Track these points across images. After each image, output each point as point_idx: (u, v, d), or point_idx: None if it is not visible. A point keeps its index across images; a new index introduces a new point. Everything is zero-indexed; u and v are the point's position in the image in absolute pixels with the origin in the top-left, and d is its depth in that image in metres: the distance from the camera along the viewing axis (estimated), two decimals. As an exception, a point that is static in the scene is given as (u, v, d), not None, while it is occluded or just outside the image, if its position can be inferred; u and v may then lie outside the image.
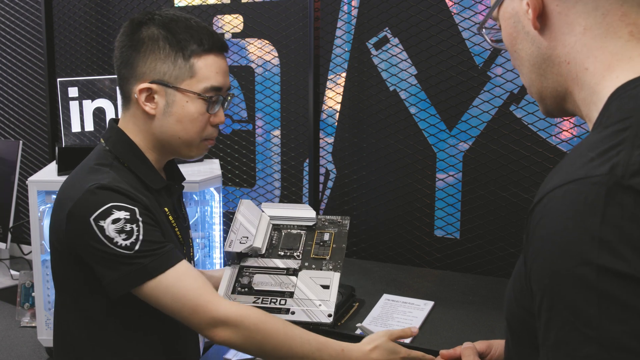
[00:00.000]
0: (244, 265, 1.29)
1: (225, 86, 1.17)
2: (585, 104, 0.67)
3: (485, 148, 1.92)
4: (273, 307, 1.21)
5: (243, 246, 1.28)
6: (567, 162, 0.60)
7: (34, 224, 1.66)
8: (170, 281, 1.06)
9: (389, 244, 2.10)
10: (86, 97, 1.86)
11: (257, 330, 1.07)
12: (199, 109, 1.14)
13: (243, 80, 2.30)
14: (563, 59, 0.67)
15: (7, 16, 2.65)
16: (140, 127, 1.17)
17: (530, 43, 0.70)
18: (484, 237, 1.95)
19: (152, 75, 1.13)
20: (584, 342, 0.53)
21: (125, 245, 1.04)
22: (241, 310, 1.08)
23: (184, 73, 1.13)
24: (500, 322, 1.55)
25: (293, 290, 1.24)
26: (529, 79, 0.73)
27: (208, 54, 1.14)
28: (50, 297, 1.71)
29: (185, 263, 1.10)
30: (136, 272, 1.05)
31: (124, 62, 1.15)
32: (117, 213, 1.05)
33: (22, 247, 2.39)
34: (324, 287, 1.24)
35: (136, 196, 1.08)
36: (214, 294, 1.09)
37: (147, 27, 1.14)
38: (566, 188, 0.56)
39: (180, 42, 1.12)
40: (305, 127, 2.16)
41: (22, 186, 2.33)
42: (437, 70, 1.95)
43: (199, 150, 1.20)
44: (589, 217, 0.53)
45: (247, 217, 1.35)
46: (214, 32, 1.17)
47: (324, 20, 2.09)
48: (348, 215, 1.42)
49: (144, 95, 1.13)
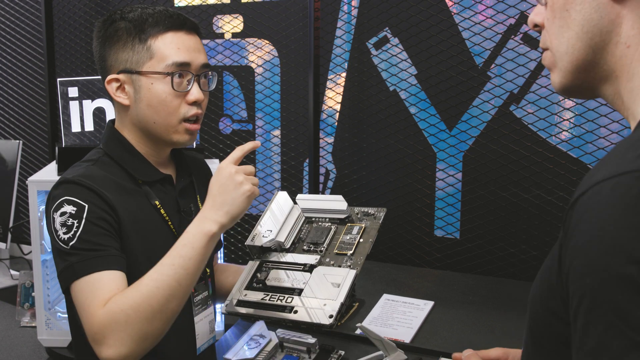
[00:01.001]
0: (265, 260, 1.26)
1: (194, 62, 1.16)
2: (631, 95, 0.63)
3: (485, 148, 1.92)
4: (278, 305, 1.18)
5: (265, 240, 1.26)
6: (615, 154, 0.56)
7: (34, 224, 1.66)
8: (82, 286, 1.02)
9: (389, 244, 2.10)
10: (86, 97, 1.86)
11: (128, 317, 0.97)
12: (165, 89, 1.14)
13: (243, 80, 2.30)
14: (624, 40, 0.62)
15: (7, 16, 2.65)
16: (124, 120, 1.20)
17: (593, 9, 0.63)
18: (484, 237, 1.95)
19: (117, 66, 1.16)
20: (631, 348, 0.49)
21: (63, 239, 1.05)
22: (107, 307, 0.98)
23: (143, 56, 1.14)
24: (500, 322, 1.55)
25: (303, 288, 1.20)
26: (571, 45, 0.65)
27: (165, 33, 1.14)
28: (50, 297, 1.71)
29: (110, 273, 1.02)
30: (66, 269, 1.05)
31: (97, 61, 1.20)
32: (66, 207, 1.07)
33: (22, 247, 2.39)
34: (334, 285, 1.18)
35: (99, 192, 1.08)
36: (100, 304, 0.98)
37: (110, 23, 1.17)
38: (615, 181, 0.52)
39: (136, 27, 1.14)
40: (305, 127, 2.15)
41: (22, 186, 2.33)
42: (437, 70, 1.95)
43: (180, 134, 1.17)
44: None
45: (277, 209, 1.31)
46: (173, 12, 1.17)
47: (324, 20, 2.09)
48: (384, 207, 1.33)
49: (113, 87, 1.16)
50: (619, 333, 0.49)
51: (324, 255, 1.27)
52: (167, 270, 1.01)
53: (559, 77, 0.69)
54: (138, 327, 0.97)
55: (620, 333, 0.49)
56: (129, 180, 1.15)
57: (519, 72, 1.84)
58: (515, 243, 1.90)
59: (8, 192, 2.12)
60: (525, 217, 1.88)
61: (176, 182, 1.23)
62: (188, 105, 1.16)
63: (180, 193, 1.22)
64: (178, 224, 1.20)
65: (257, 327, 1.39)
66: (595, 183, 0.54)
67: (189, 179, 1.27)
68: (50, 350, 1.68)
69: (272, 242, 1.26)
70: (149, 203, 1.16)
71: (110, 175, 1.13)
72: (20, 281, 1.92)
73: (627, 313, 0.49)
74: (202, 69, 1.18)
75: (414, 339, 1.47)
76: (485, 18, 1.87)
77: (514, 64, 1.84)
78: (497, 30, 1.86)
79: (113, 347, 0.96)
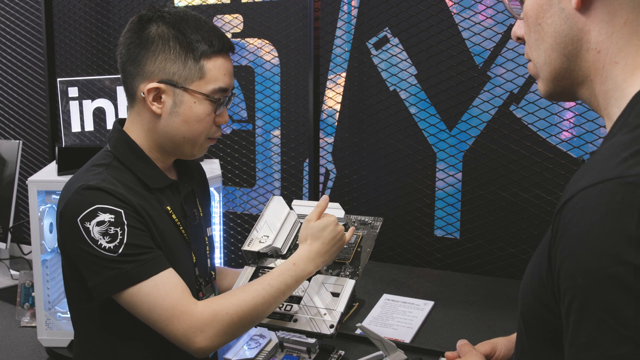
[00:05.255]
0: (261, 266, 1.26)
1: (231, 87, 1.17)
2: (606, 97, 0.66)
3: (485, 148, 1.92)
4: (277, 312, 1.18)
5: (262, 245, 1.26)
6: (598, 160, 0.60)
7: (34, 224, 1.66)
8: (149, 289, 1.04)
9: (389, 244, 2.10)
10: (86, 97, 1.86)
11: (232, 321, 1.06)
12: (207, 110, 1.14)
13: (243, 80, 2.30)
14: (594, 46, 0.65)
15: (7, 16, 2.65)
16: (144, 125, 1.16)
17: (562, 20, 0.67)
18: (484, 237, 1.95)
19: (160, 75, 1.11)
20: (620, 342, 0.53)
21: (108, 247, 1.03)
22: (211, 308, 1.06)
23: (194, 74, 1.12)
24: (500, 321, 1.55)
25: (302, 296, 1.20)
26: (547, 56, 0.70)
27: (217, 56, 1.13)
28: (50, 297, 1.71)
29: (170, 272, 1.07)
30: (118, 276, 1.04)
31: (131, 59, 1.13)
32: (102, 215, 1.04)
33: (22, 247, 2.39)
34: (334, 295, 1.18)
35: (125, 198, 1.07)
36: (191, 302, 1.06)
37: (156, 24, 1.12)
38: (600, 187, 0.56)
39: (192, 44, 1.11)
40: (305, 127, 2.15)
41: (22, 186, 2.33)
42: (437, 70, 1.95)
43: (202, 149, 1.20)
44: (625, 217, 0.53)
45: (273, 215, 1.30)
46: (223, 33, 1.16)
47: (324, 20, 2.09)
48: (381, 217, 1.35)
49: (151, 95, 1.12)
50: (608, 329, 0.53)
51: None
52: (267, 290, 1.11)
53: (542, 85, 0.73)
54: (234, 330, 1.08)
55: (610, 329, 0.53)
56: (140, 186, 1.14)
57: (519, 72, 1.84)
58: (515, 243, 1.90)
59: (8, 192, 2.12)
60: (525, 217, 1.88)
61: (180, 188, 1.23)
62: (216, 126, 1.18)
63: (184, 199, 1.23)
64: (185, 229, 1.20)
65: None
66: (582, 189, 0.57)
67: (191, 184, 1.28)
68: (50, 350, 1.68)
69: (268, 248, 1.26)
70: (162, 209, 1.16)
71: (124, 181, 1.12)
72: (20, 281, 1.92)
73: (616, 310, 0.53)
74: (231, 92, 1.20)
75: (414, 339, 1.47)
76: (485, 18, 1.87)
77: (514, 64, 1.84)
78: (497, 30, 1.86)
79: (208, 340, 1.05)
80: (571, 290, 0.57)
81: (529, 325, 0.70)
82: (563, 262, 0.58)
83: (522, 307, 0.71)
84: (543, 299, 0.64)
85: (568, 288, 0.57)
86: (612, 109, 0.65)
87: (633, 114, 0.61)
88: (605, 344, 0.54)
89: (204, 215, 1.30)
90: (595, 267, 0.54)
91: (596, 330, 0.54)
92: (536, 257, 0.69)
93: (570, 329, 0.57)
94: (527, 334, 0.72)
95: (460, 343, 1.01)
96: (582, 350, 0.56)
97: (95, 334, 1.15)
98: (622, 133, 0.61)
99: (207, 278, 1.25)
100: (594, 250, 0.55)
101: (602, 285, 0.54)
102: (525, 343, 0.72)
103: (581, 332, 0.56)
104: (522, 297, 0.71)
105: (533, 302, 0.67)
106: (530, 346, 0.71)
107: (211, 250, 1.29)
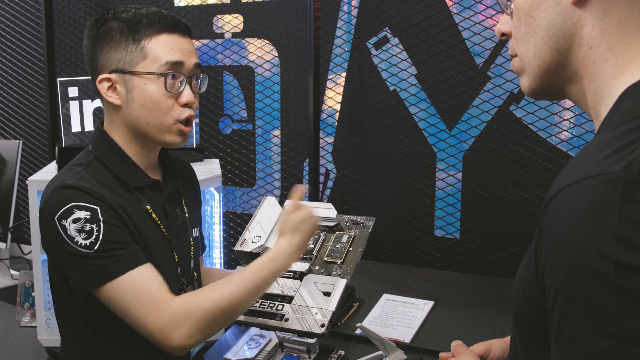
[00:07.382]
0: None
1: (186, 62, 1.16)
2: (594, 94, 0.66)
3: (485, 148, 1.92)
4: (268, 312, 1.19)
5: (254, 246, 1.26)
6: (582, 158, 0.60)
7: (34, 224, 1.66)
8: (126, 284, 1.04)
9: (389, 244, 2.10)
10: (86, 97, 1.86)
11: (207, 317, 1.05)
12: (159, 89, 1.14)
13: (243, 80, 2.30)
14: (586, 41, 0.66)
15: (7, 16, 2.65)
16: (114, 121, 1.19)
17: (557, 13, 0.67)
18: (484, 237, 1.95)
19: (109, 66, 1.15)
20: (602, 336, 0.53)
21: (85, 244, 1.04)
22: (187, 303, 1.05)
23: (137, 56, 1.13)
24: (500, 321, 1.55)
25: (293, 295, 1.21)
26: (538, 49, 0.69)
27: (159, 34, 1.14)
28: (50, 297, 1.71)
29: (147, 267, 1.07)
30: (96, 272, 1.04)
31: (88, 60, 1.19)
32: (78, 212, 1.05)
33: (22, 247, 2.39)
34: (325, 294, 1.19)
35: (101, 196, 1.08)
36: (168, 297, 1.05)
37: (105, 22, 1.16)
38: (583, 184, 0.56)
39: (130, 27, 1.14)
40: (305, 127, 2.15)
41: (22, 186, 2.33)
42: (437, 70, 1.95)
43: (173, 135, 1.18)
44: (607, 213, 0.54)
45: (266, 215, 1.31)
46: (167, 14, 1.17)
47: (324, 20, 2.09)
48: (373, 217, 1.35)
49: (105, 86, 1.15)
50: (591, 324, 0.54)
51: (313, 263, 1.27)
52: (246, 284, 1.09)
53: (528, 80, 0.73)
54: (211, 326, 1.06)
55: (593, 324, 0.54)
56: (119, 186, 1.15)
57: (519, 72, 1.83)
58: (515, 243, 1.90)
59: (8, 192, 2.12)
60: (525, 217, 1.88)
61: (163, 187, 1.23)
62: (181, 107, 1.17)
63: (167, 198, 1.23)
64: (167, 228, 1.20)
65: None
66: (566, 186, 0.58)
67: (175, 184, 1.28)
68: (50, 350, 1.68)
69: (260, 248, 1.26)
70: (141, 208, 1.16)
71: (102, 180, 1.13)
72: (20, 281, 1.92)
73: (598, 305, 0.54)
74: (194, 70, 1.18)
75: (414, 338, 1.47)
76: (485, 18, 1.87)
77: (514, 64, 1.83)
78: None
79: (183, 337, 1.03)
80: (555, 287, 0.58)
81: (521, 325, 0.71)
82: (547, 259, 0.59)
83: (514, 307, 0.72)
84: (533, 298, 0.65)
85: (552, 284, 0.58)
86: (600, 107, 0.66)
87: (619, 111, 0.62)
88: (588, 339, 0.54)
89: (191, 216, 1.30)
90: (578, 263, 0.55)
91: (579, 325, 0.55)
92: (527, 256, 0.69)
93: (555, 325, 0.58)
94: (520, 334, 0.72)
95: (454, 344, 1.02)
96: (566, 345, 0.57)
97: (79, 332, 1.17)
98: (606, 131, 0.61)
99: (189, 278, 1.25)
100: (576, 246, 0.55)
101: (585, 281, 0.54)
102: (518, 343, 0.73)
103: (565, 328, 0.57)
104: (514, 297, 0.71)
105: (524, 302, 0.68)
106: (522, 346, 0.72)
107: (196, 252, 1.30)
